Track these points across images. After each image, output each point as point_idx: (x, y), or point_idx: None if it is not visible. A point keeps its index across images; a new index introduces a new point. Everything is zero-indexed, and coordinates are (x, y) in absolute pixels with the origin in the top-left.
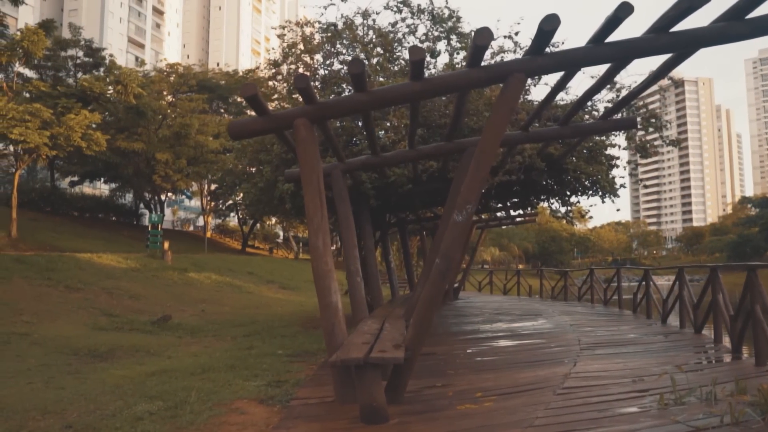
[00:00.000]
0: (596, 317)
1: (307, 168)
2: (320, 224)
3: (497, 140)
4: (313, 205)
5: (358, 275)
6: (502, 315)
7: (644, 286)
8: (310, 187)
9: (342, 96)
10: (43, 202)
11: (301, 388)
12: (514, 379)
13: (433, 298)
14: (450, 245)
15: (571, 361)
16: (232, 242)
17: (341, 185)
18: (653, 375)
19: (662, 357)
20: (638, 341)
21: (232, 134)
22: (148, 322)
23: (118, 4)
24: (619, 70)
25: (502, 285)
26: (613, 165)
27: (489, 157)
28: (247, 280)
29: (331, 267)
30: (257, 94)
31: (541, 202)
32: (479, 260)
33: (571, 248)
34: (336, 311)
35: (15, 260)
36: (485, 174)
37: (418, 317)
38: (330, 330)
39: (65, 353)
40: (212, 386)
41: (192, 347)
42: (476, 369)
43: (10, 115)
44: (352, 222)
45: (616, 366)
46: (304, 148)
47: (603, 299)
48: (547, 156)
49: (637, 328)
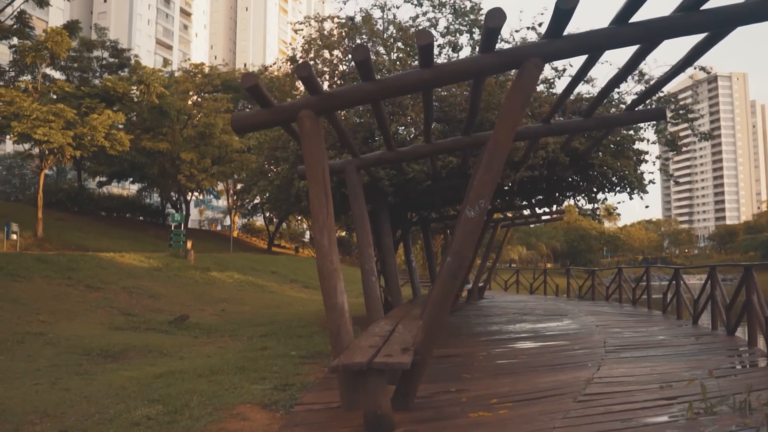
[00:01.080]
0: (624, 318)
1: (312, 162)
2: (325, 221)
3: (512, 130)
4: (318, 201)
5: (373, 274)
6: (527, 315)
7: (674, 286)
8: (315, 181)
9: (348, 86)
10: (71, 202)
11: (308, 392)
12: (533, 384)
13: (444, 298)
14: (462, 242)
15: (594, 364)
16: (259, 242)
17: (355, 182)
18: (682, 381)
19: (692, 361)
20: (667, 343)
21: (236, 128)
22: (165, 322)
23: (146, 6)
24: (646, 54)
25: (528, 284)
26: (641, 160)
27: (503, 149)
28: (270, 280)
29: (337, 266)
30: (258, 85)
31: (567, 199)
32: (506, 259)
33: (601, 247)
34: (342, 312)
35: (36, 259)
36: (499, 167)
37: (429, 319)
38: (335, 332)
39: (77, 353)
40: (217, 389)
41: (206, 347)
42: (494, 373)
43: (34, 115)
44: (366, 220)
45: (643, 370)
46: (309, 141)
47: (631, 299)
48: (572, 151)
49: (667, 329)
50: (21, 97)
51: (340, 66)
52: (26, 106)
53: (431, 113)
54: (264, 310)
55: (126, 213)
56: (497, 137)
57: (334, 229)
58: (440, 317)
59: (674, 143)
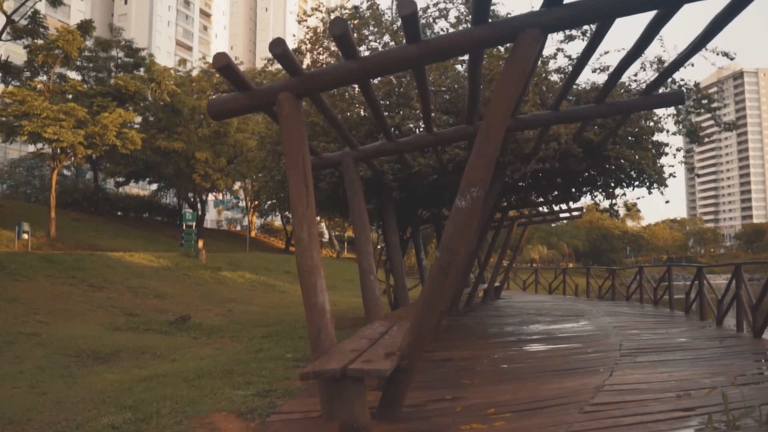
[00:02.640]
0: (643, 318)
1: (291, 148)
2: (305, 213)
3: (507, 110)
4: (298, 191)
5: (372, 273)
6: (542, 316)
7: (697, 285)
8: (294, 170)
9: (330, 65)
10: (87, 202)
11: (290, 399)
12: (536, 391)
13: (434, 298)
14: (452, 236)
15: (607, 369)
16: (277, 241)
17: (353, 174)
18: (702, 389)
19: (715, 366)
20: (688, 346)
21: (212, 113)
22: (166, 323)
23: (166, 8)
24: (664, 21)
25: (547, 284)
26: (661, 153)
27: (497, 131)
28: (282, 279)
29: (318, 262)
30: (230, 65)
31: (584, 195)
32: (527, 259)
33: (624, 246)
34: (323, 313)
35: (41, 259)
36: (494, 151)
37: (416, 321)
38: (315, 334)
39: (67, 355)
40: (196, 395)
41: (203, 349)
42: (496, 379)
43: (44, 114)
44: (365, 215)
45: (659, 376)
46: (288, 126)
47: (652, 299)
48: (586, 142)
49: (688, 331)
50: (32, 96)
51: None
52: (36, 105)
53: (427, 97)
54: (272, 311)
55: (143, 213)
56: (491, 118)
57: (315, 222)
58: (429, 319)
59: (696, 134)
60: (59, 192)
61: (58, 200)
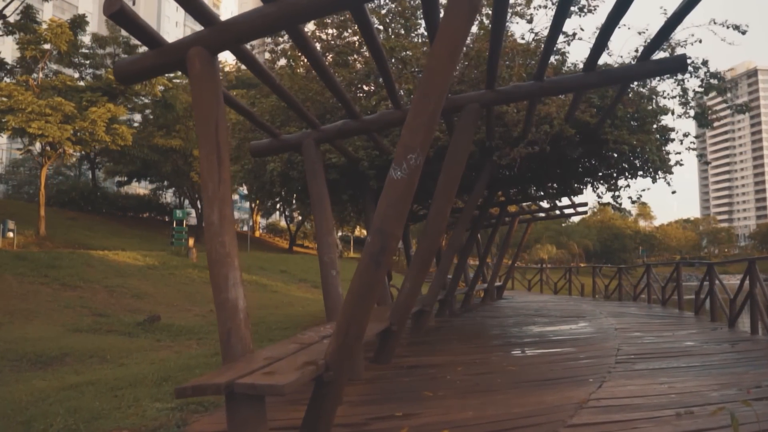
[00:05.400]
0: (649, 320)
1: (202, 113)
2: (216, 191)
3: (453, 49)
4: (209, 164)
5: (334, 268)
6: (540, 317)
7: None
8: (205, 139)
9: (245, 11)
10: (84, 201)
11: (206, 415)
12: (507, 407)
13: (365, 293)
14: (386, 215)
15: (597, 379)
16: (281, 241)
17: (314, 158)
18: (708, 404)
19: (725, 375)
20: (694, 351)
21: (119, 76)
22: (134, 323)
23: (174, 8)
24: None
25: (553, 284)
26: (667, 138)
27: (441, 79)
28: (276, 279)
29: (231, 250)
30: (124, 9)
31: (584, 186)
32: (536, 258)
33: (636, 246)
34: (234, 311)
35: (14, 257)
36: (436, 107)
37: (343, 322)
38: (225, 338)
39: (6, 359)
40: (110, 407)
41: (161, 352)
42: (464, 390)
43: (29, 109)
44: (327, 203)
45: (658, 388)
46: (200, 87)
47: (661, 299)
48: (582, 125)
49: (697, 333)
50: (19, 91)
51: (336, 41)
52: (21, 99)
53: (383, 63)
54: (258, 311)
55: (144, 212)
56: (432, 61)
57: (229, 202)
58: (359, 321)
59: (705, 117)
60: (56, 191)
61: (56, 199)
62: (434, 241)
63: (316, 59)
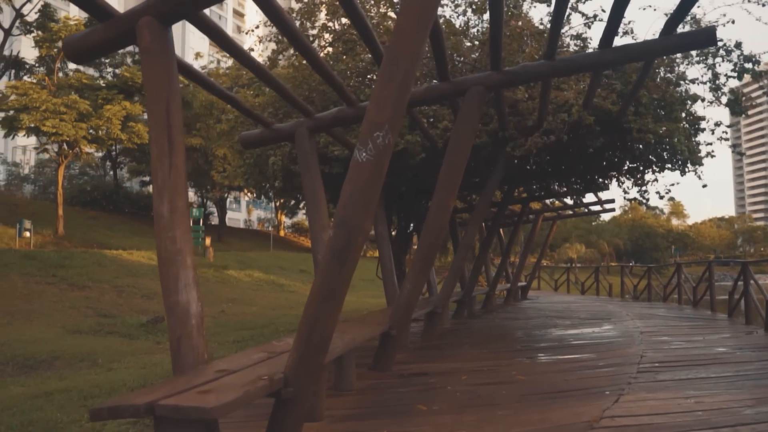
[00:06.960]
0: (678, 322)
1: (153, 92)
2: (166, 181)
3: (431, 2)
4: (159, 149)
5: None
6: (563, 318)
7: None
8: (156, 121)
9: None
10: (106, 200)
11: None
12: (505, 425)
13: (328, 295)
14: (350, 205)
15: (614, 392)
16: (306, 241)
17: (307, 149)
18: (741, 425)
19: (761, 387)
20: (727, 359)
21: (70, 53)
22: (137, 324)
23: None
24: None
25: (581, 284)
26: (697, 128)
27: (416, 39)
28: (295, 279)
29: (182, 247)
30: None
31: (609, 181)
32: (565, 258)
33: (668, 245)
34: (185, 316)
35: (23, 256)
36: (408, 76)
37: (304, 330)
38: (175, 347)
39: None
40: (70, 419)
41: (157, 355)
42: (463, 404)
43: (44, 107)
44: (322, 198)
45: (683, 403)
46: (150, 62)
47: (692, 300)
48: (604, 113)
49: (730, 338)
50: (34, 89)
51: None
52: (35, 98)
53: (365, 30)
54: (271, 312)
55: None
56: (401, 23)
57: (183, 192)
58: (321, 329)
59: (738, 104)
60: (79, 191)
61: (78, 199)
62: (436, 237)
63: (297, 39)
